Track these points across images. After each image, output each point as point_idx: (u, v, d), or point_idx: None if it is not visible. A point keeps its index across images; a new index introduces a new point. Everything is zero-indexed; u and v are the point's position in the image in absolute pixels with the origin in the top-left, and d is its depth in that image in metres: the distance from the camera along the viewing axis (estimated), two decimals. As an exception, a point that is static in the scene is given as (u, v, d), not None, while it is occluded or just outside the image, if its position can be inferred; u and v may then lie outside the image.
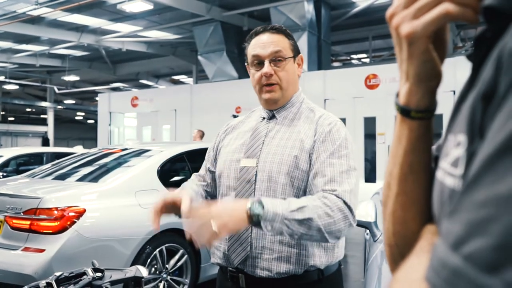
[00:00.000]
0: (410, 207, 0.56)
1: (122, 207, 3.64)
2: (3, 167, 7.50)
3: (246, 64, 1.66)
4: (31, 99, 26.09)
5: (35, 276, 3.09)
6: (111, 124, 14.60)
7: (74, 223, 3.31)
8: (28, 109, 30.30)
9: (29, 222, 3.31)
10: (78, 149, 8.20)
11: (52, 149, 9.50)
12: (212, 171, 1.75)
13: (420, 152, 0.55)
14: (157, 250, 3.74)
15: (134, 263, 3.48)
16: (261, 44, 1.58)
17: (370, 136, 9.57)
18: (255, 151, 1.58)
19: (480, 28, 0.43)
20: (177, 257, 3.91)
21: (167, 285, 3.83)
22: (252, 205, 1.29)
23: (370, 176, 9.56)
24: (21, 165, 8.22)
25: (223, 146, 1.73)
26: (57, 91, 21.97)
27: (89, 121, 32.42)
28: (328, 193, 1.41)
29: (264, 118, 1.66)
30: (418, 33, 0.48)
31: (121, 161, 4.40)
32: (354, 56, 17.62)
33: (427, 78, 0.52)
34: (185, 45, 15.85)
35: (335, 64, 17.24)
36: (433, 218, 0.54)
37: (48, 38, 14.30)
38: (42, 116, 29.05)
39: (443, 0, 0.45)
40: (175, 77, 21.97)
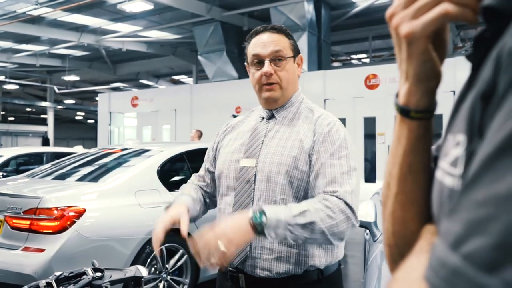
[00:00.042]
0: (409, 207, 0.56)
1: (122, 207, 3.64)
2: (3, 167, 7.50)
3: (246, 63, 1.66)
4: (31, 99, 26.09)
5: (35, 275, 3.08)
6: (111, 124, 14.60)
7: (74, 223, 3.31)
8: (28, 109, 30.30)
9: (29, 222, 3.31)
10: (78, 149, 8.19)
11: (52, 149, 9.50)
12: (212, 172, 1.75)
13: (420, 152, 0.55)
14: (157, 250, 3.73)
15: (134, 263, 3.48)
16: (261, 44, 1.58)
17: (370, 136, 9.57)
18: (254, 151, 1.58)
19: (479, 28, 0.43)
20: (177, 257, 3.90)
21: (167, 285, 3.83)
22: (254, 214, 1.29)
23: (370, 176, 9.56)
24: (21, 165, 8.22)
25: (222, 146, 1.72)
26: (57, 91, 21.97)
27: (89, 121, 32.41)
28: (329, 194, 1.41)
29: (264, 118, 1.65)
30: (417, 33, 0.48)
31: (121, 161, 4.40)
32: (354, 56, 17.62)
33: (426, 78, 0.52)
34: (185, 45, 15.85)
35: (335, 64, 17.24)
36: (432, 218, 0.54)
37: (48, 38, 14.30)
38: (42, 116, 29.05)
39: (442, 0, 0.45)
40: (175, 77, 21.96)
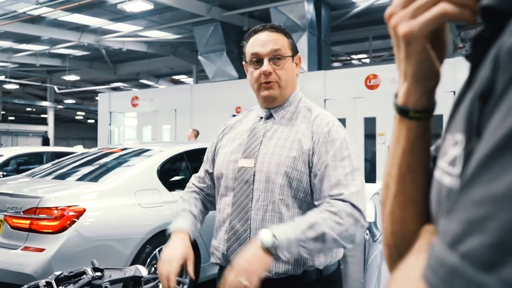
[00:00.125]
0: (408, 207, 0.56)
1: (122, 206, 3.64)
2: (3, 166, 7.49)
3: (244, 62, 1.65)
4: (31, 99, 26.08)
5: (34, 275, 3.08)
6: (111, 124, 14.59)
7: (74, 222, 3.31)
8: (28, 109, 30.30)
9: (29, 222, 3.31)
10: (78, 149, 8.19)
11: (52, 148, 9.50)
12: (211, 173, 1.74)
13: (419, 152, 0.55)
14: (157, 249, 3.73)
15: (133, 263, 3.48)
16: (260, 42, 1.57)
17: (370, 136, 9.56)
18: (253, 151, 1.57)
19: (479, 28, 0.43)
20: (176, 257, 3.90)
21: (166, 284, 3.82)
22: (264, 239, 1.31)
23: (370, 177, 9.54)
24: (21, 164, 8.22)
25: (221, 146, 1.72)
26: (57, 90, 21.96)
27: (89, 121, 32.41)
28: (334, 198, 1.41)
29: (262, 118, 1.64)
30: (415, 33, 0.48)
31: (121, 160, 4.40)
32: (354, 57, 17.61)
33: (425, 78, 0.52)
34: (185, 45, 15.85)
35: (335, 64, 17.24)
36: (431, 218, 0.54)
37: (49, 38, 14.29)
38: (42, 116, 29.04)
39: (440, 0, 0.45)
40: (175, 77, 21.96)
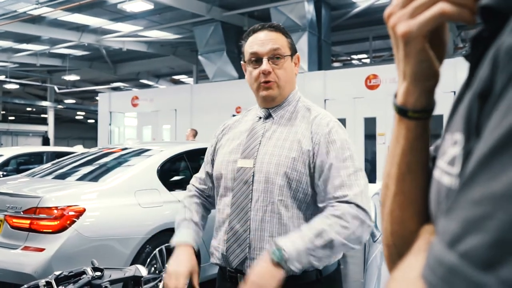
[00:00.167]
0: (407, 207, 0.56)
1: (122, 206, 3.64)
2: (3, 166, 7.50)
3: (242, 62, 1.64)
4: (32, 99, 26.09)
5: (34, 275, 3.08)
6: (111, 124, 14.59)
7: (74, 222, 3.31)
8: (29, 109, 30.31)
9: (29, 221, 3.31)
10: (78, 149, 8.19)
11: (52, 148, 9.50)
12: (211, 174, 1.73)
13: (418, 152, 0.55)
14: (157, 249, 3.73)
15: (133, 263, 3.48)
16: (259, 42, 1.56)
17: (370, 136, 9.55)
18: (252, 152, 1.57)
19: (478, 28, 0.43)
20: (176, 256, 3.90)
21: (166, 284, 3.82)
22: (273, 253, 1.32)
23: (370, 177, 9.53)
24: (21, 164, 8.22)
25: (220, 147, 1.71)
26: (57, 90, 21.97)
27: (89, 121, 32.41)
28: (339, 200, 1.42)
29: (261, 118, 1.63)
30: (414, 32, 0.48)
31: (121, 160, 4.40)
32: (354, 57, 17.61)
33: (424, 78, 0.52)
34: (185, 45, 15.85)
35: (336, 64, 17.24)
36: (430, 218, 0.54)
37: (49, 38, 14.30)
38: (43, 116, 29.05)
39: (439, 0, 0.45)
40: (176, 77, 21.96)
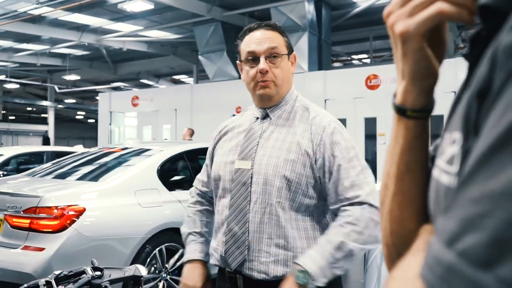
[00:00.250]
0: (407, 206, 0.56)
1: (122, 206, 3.64)
2: (3, 166, 7.50)
3: (239, 61, 1.63)
4: (32, 98, 26.09)
5: (34, 274, 3.08)
6: (111, 124, 14.59)
7: (74, 222, 3.31)
8: (29, 108, 30.30)
9: (29, 221, 3.31)
10: (78, 148, 8.19)
11: (52, 148, 9.50)
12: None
13: (417, 151, 0.55)
14: (157, 249, 3.74)
15: (133, 263, 3.48)
16: (256, 40, 1.55)
17: (371, 136, 9.55)
18: (249, 153, 1.55)
19: (476, 27, 0.43)
20: (176, 256, 3.90)
21: (166, 284, 3.83)
22: (297, 278, 1.35)
23: (371, 177, 9.53)
24: (21, 164, 8.22)
25: (218, 148, 1.71)
26: (57, 90, 21.96)
27: (89, 121, 32.40)
28: (352, 202, 1.43)
29: (258, 118, 1.62)
30: (411, 31, 0.48)
31: (121, 160, 4.40)
32: (354, 57, 17.60)
33: (422, 77, 0.52)
34: (185, 45, 15.85)
35: (336, 64, 17.23)
36: (430, 217, 0.54)
37: (49, 37, 14.29)
38: (43, 115, 29.04)
39: None
40: (176, 77, 21.96)
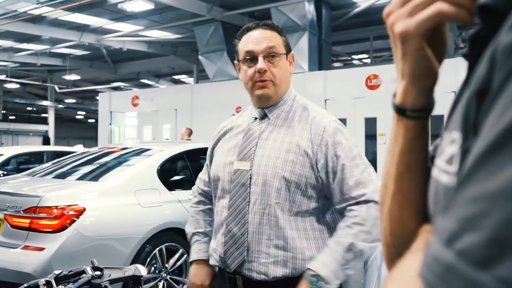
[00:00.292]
0: (406, 206, 0.56)
1: (122, 206, 3.64)
2: (3, 165, 7.50)
3: (237, 61, 1.63)
4: (32, 98, 26.09)
5: (34, 274, 3.08)
6: (111, 123, 14.59)
7: (74, 221, 3.31)
8: (29, 108, 30.31)
9: (29, 221, 3.31)
10: (78, 148, 8.19)
11: (52, 148, 9.51)
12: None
13: (417, 151, 0.55)
14: (157, 249, 3.74)
15: (133, 262, 3.48)
16: (254, 40, 1.55)
17: (371, 136, 9.54)
18: (248, 154, 1.55)
19: (476, 27, 0.43)
20: (176, 256, 3.90)
21: (166, 284, 3.83)
22: (311, 283, 1.38)
23: (371, 177, 9.52)
24: (21, 163, 8.22)
25: (217, 148, 1.70)
26: (58, 90, 21.96)
27: (89, 120, 32.41)
28: (358, 201, 1.45)
29: (256, 119, 1.61)
30: (411, 31, 0.48)
31: (121, 160, 4.40)
32: (355, 57, 17.60)
33: (421, 77, 0.52)
34: (185, 45, 15.85)
35: (336, 64, 17.22)
36: (429, 217, 0.54)
37: (49, 37, 14.29)
38: (43, 115, 29.05)
39: None
40: (176, 77, 21.96)
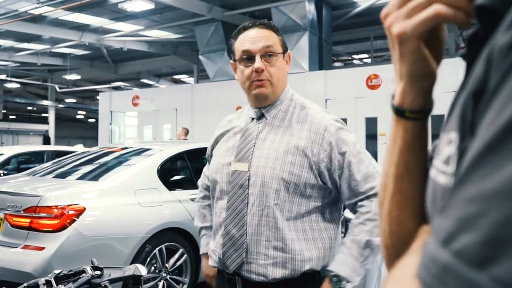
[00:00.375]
0: (405, 206, 0.56)
1: (122, 205, 3.64)
2: (4, 165, 7.51)
3: (233, 61, 1.61)
4: (33, 98, 26.10)
5: (34, 273, 3.09)
6: (112, 123, 14.60)
7: (74, 221, 3.31)
8: (29, 108, 30.33)
9: (29, 220, 3.32)
10: (78, 148, 8.20)
11: (53, 147, 9.51)
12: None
13: (416, 152, 0.55)
14: (157, 249, 3.74)
15: (133, 262, 3.48)
16: (250, 39, 1.53)
17: (372, 136, 9.54)
18: (246, 155, 1.54)
19: (474, 28, 0.43)
20: (176, 256, 3.91)
21: (166, 284, 3.83)
22: (333, 284, 1.41)
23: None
24: (22, 163, 8.22)
25: (216, 148, 1.70)
26: (58, 89, 21.98)
27: (90, 120, 32.41)
28: (368, 195, 1.46)
29: (253, 119, 1.60)
30: (408, 33, 0.48)
31: (121, 159, 4.40)
32: (355, 56, 17.60)
33: (420, 78, 0.52)
34: (186, 45, 15.85)
35: (337, 64, 17.22)
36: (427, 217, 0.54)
37: (50, 37, 14.30)
38: (43, 115, 29.06)
39: (435, 1, 0.46)
40: (176, 77, 21.96)
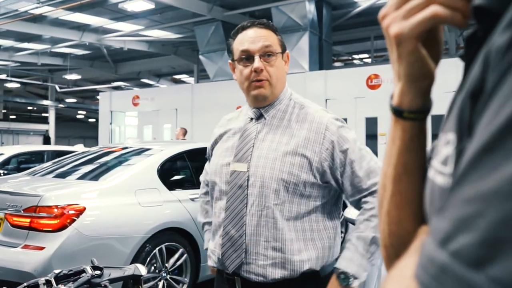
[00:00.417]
0: (404, 207, 0.56)
1: (122, 205, 3.65)
2: (4, 165, 7.51)
3: (232, 61, 1.60)
4: (33, 98, 26.11)
5: (34, 273, 3.09)
6: (112, 123, 14.61)
7: (74, 221, 3.31)
8: (30, 108, 30.34)
9: (29, 220, 3.32)
10: (79, 148, 8.20)
11: (53, 147, 9.52)
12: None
13: (414, 152, 0.55)
14: (157, 248, 3.74)
15: (133, 262, 3.48)
16: (249, 39, 1.53)
17: (372, 136, 9.55)
18: (245, 155, 1.53)
19: (472, 28, 0.43)
20: (176, 256, 3.91)
21: (166, 284, 3.83)
22: (341, 282, 1.42)
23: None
24: (22, 163, 8.22)
25: (216, 148, 1.70)
26: (58, 89, 21.99)
27: (90, 120, 32.43)
28: (371, 191, 1.46)
29: (252, 119, 1.60)
30: (405, 34, 0.48)
31: (121, 159, 4.40)
32: (355, 56, 17.61)
33: (417, 78, 0.52)
34: (186, 45, 15.85)
35: (337, 64, 17.22)
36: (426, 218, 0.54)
37: (50, 37, 14.31)
38: (44, 115, 29.07)
39: (433, 2, 0.46)
40: (177, 77, 21.97)
